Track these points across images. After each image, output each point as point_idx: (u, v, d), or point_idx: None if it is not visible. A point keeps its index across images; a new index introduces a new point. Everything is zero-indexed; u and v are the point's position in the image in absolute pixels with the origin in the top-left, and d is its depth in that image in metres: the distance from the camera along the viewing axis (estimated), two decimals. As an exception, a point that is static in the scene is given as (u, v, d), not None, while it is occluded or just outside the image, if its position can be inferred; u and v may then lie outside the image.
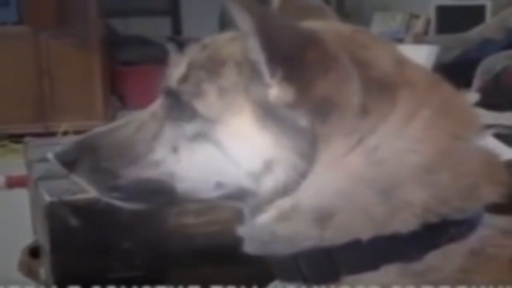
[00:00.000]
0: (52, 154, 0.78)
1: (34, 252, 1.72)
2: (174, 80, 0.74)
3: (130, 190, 0.76)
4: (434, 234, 0.67)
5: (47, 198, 1.26)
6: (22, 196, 1.84)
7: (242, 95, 0.70)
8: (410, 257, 0.67)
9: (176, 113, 0.74)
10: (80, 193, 1.19)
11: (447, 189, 0.67)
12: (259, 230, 0.71)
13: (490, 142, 0.89)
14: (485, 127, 0.73)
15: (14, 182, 3.11)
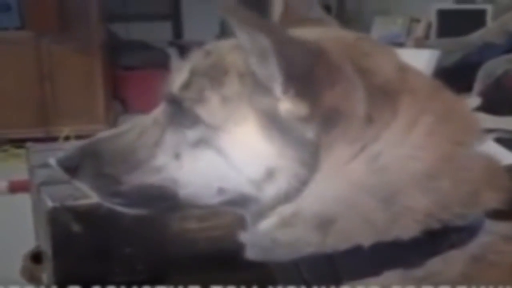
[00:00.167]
0: (54, 160, 0.78)
1: (36, 257, 1.72)
2: (176, 86, 0.75)
3: (132, 195, 0.76)
4: (435, 241, 0.67)
5: (49, 203, 1.26)
6: (24, 201, 1.84)
7: (245, 104, 0.70)
8: (411, 263, 0.67)
9: (178, 119, 0.74)
10: (82, 198, 1.19)
11: (449, 195, 0.67)
12: (261, 236, 0.71)
13: (491, 146, 0.89)
14: (486, 132, 0.73)
15: (16, 187, 3.11)
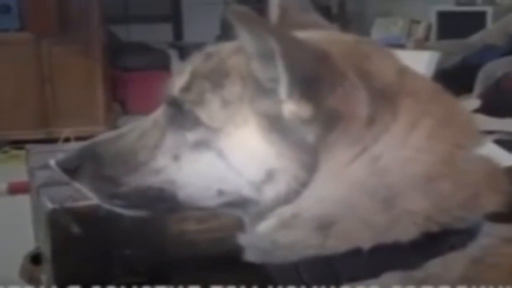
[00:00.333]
0: (54, 162, 0.78)
1: (35, 258, 1.72)
2: (177, 88, 0.75)
3: (132, 197, 0.76)
4: (434, 243, 0.67)
5: (49, 205, 1.26)
6: (24, 202, 1.84)
7: (246, 107, 0.70)
8: (411, 265, 0.67)
9: (178, 121, 0.74)
10: (82, 200, 1.19)
11: (448, 198, 0.67)
12: (260, 238, 0.71)
13: (491, 148, 0.89)
14: (486, 134, 0.73)
15: (16, 188, 3.11)
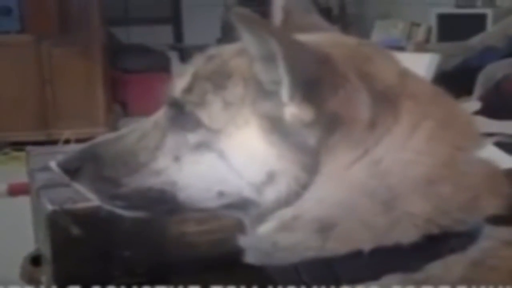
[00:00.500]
0: (54, 163, 0.78)
1: (35, 260, 1.72)
2: (179, 90, 0.75)
3: (132, 198, 0.76)
4: (435, 246, 0.67)
5: (49, 207, 1.26)
6: (24, 204, 1.84)
7: (248, 109, 0.70)
8: (411, 268, 0.67)
9: (179, 122, 0.74)
10: (81, 202, 1.19)
11: (449, 200, 0.67)
12: (261, 240, 0.71)
13: (491, 150, 0.89)
14: (486, 136, 0.73)
15: (16, 190, 3.11)
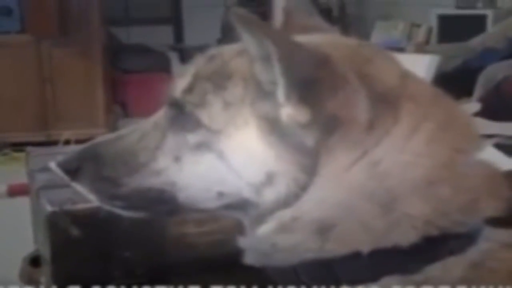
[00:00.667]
0: (54, 163, 0.78)
1: (35, 261, 1.72)
2: (179, 90, 0.75)
3: (132, 198, 0.76)
4: (434, 247, 0.67)
5: (48, 207, 1.26)
6: (24, 204, 1.84)
7: (247, 109, 0.70)
8: (410, 269, 0.67)
9: (179, 123, 0.74)
10: (81, 203, 1.19)
11: (448, 202, 0.67)
12: (260, 241, 0.71)
13: (491, 152, 0.89)
14: (485, 137, 0.73)
15: (15, 190, 3.11)
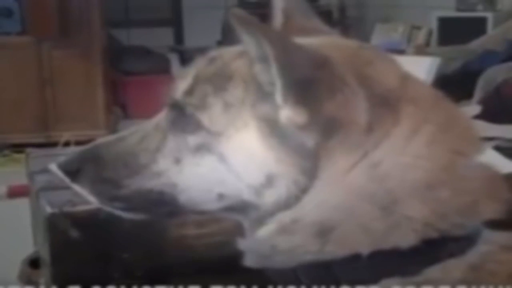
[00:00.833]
0: (55, 164, 0.78)
1: (34, 262, 1.72)
2: (180, 92, 0.75)
3: (132, 200, 0.76)
4: (433, 250, 0.67)
5: (48, 209, 1.26)
6: (23, 206, 1.84)
7: (248, 111, 0.70)
8: (410, 271, 0.67)
9: (180, 124, 0.74)
10: (80, 204, 1.19)
11: (448, 205, 0.67)
12: (260, 243, 0.71)
13: (491, 155, 0.89)
14: (485, 140, 0.73)
15: (15, 192, 3.11)
